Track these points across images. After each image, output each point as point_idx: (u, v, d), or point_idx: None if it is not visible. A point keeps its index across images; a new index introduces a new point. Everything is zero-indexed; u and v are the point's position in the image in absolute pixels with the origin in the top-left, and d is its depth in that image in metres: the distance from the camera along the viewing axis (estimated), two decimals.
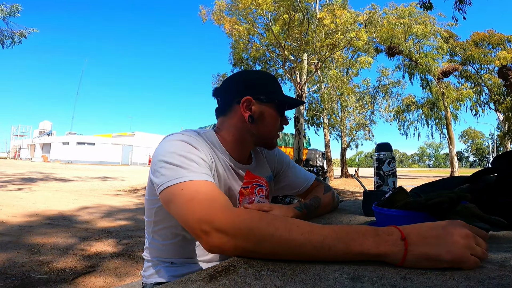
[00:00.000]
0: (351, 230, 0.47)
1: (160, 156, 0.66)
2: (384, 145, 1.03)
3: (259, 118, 0.81)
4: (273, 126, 0.85)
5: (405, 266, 0.43)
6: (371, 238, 0.45)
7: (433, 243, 0.43)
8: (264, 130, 0.83)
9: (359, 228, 0.47)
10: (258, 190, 0.87)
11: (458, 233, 0.43)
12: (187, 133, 0.74)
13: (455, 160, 17.80)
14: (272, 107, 0.83)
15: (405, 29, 15.97)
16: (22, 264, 2.33)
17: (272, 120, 0.84)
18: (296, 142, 11.17)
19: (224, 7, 11.53)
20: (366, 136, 20.57)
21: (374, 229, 0.47)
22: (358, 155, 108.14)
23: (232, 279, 0.39)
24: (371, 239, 0.45)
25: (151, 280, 0.82)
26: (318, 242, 0.46)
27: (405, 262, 0.43)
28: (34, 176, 11.55)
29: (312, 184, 1.03)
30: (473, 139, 75.46)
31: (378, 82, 20.54)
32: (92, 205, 5.37)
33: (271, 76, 0.89)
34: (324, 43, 10.14)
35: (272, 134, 0.86)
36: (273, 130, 0.85)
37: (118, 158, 35.91)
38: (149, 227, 0.84)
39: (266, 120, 0.82)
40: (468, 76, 18.86)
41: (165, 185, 0.61)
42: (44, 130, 43.90)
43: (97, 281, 2.10)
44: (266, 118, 0.82)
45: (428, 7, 6.05)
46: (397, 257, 0.43)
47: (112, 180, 11.80)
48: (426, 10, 6.06)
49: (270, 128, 0.84)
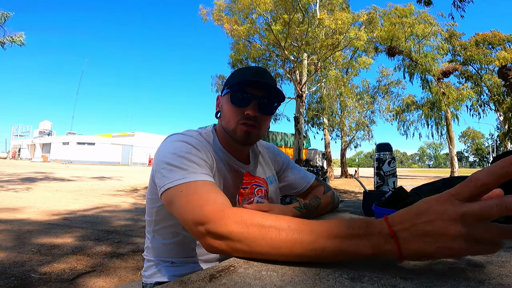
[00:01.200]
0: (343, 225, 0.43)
1: (162, 157, 0.68)
2: (384, 145, 1.03)
3: (221, 111, 0.83)
4: (229, 116, 0.79)
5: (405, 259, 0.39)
6: (364, 238, 0.41)
7: (421, 237, 0.37)
8: (224, 122, 0.82)
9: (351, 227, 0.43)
10: (258, 190, 0.87)
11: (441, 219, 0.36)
12: (188, 133, 0.75)
13: (455, 160, 17.80)
14: (227, 97, 0.81)
15: (406, 29, 15.97)
16: (22, 264, 2.33)
17: (227, 110, 0.80)
18: (296, 142, 11.17)
19: (224, 7, 11.54)
20: (366, 136, 20.59)
21: (367, 225, 0.42)
22: (358, 155, 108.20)
23: (232, 279, 0.39)
24: (364, 238, 0.41)
25: (151, 280, 0.83)
26: (310, 243, 0.44)
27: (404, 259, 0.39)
28: (34, 176, 11.55)
29: (312, 184, 1.03)
30: (473, 139, 75.48)
31: (378, 82, 20.58)
32: (92, 205, 5.37)
33: (248, 67, 0.85)
34: (324, 43, 10.15)
35: (230, 124, 0.79)
36: (230, 120, 0.79)
37: (118, 158, 35.92)
38: (150, 226, 0.85)
39: (223, 112, 0.82)
40: (468, 76, 18.86)
41: (166, 187, 0.62)
42: (44, 130, 43.92)
43: (97, 281, 2.10)
44: (223, 110, 0.82)
45: (427, 2, 6.03)
46: (392, 255, 0.40)
47: (112, 180, 11.80)
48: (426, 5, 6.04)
49: (227, 119, 0.80)
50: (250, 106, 0.77)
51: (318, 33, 10.19)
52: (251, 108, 0.77)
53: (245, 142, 0.80)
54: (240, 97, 0.77)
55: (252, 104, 0.77)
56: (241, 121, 0.78)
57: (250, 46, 12.24)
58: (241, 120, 0.78)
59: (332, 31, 9.96)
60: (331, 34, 10.04)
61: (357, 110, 19.35)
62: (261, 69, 0.83)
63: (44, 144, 39.42)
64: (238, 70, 0.84)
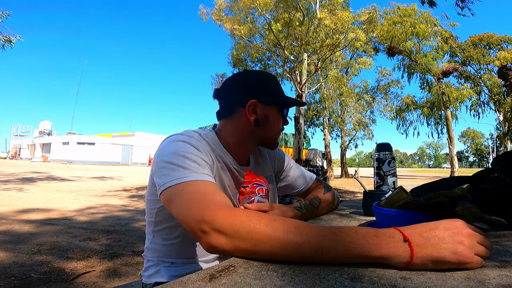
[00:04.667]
0: (351, 232, 0.46)
1: (162, 156, 0.68)
2: (384, 145, 1.03)
3: (264, 120, 0.82)
4: (277, 128, 0.86)
5: (412, 269, 0.42)
6: (372, 240, 0.44)
7: (437, 244, 0.42)
8: (269, 132, 0.84)
9: (359, 230, 0.46)
10: (259, 189, 0.87)
11: (460, 233, 0.43)
12: (189, 134, 0.75)
13: (455, 160, 17.78)
14: (275, 109, 0.84)
15: (406, 29, 15.96)
16: (22, 264, 2.33)
17: (276, 122, 0.85)
18: (296, 142, 11.16)
19: (224, 7, 11.53)
20: (366, 136, 20.60)
21: (375, 230, 0.45)
22: (358, 155, 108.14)
23: (232, 279, 0.39)
24: (372, 241, 0.44)
25: (150, 280, 0.82)
26: (317, 243, 0.45)
27: (413, 265, 0.41)
28: (34, 176, 11.55)
29: (313, 184, 1.03)
30: (473, 139, 75.46)
31: (377, 82, 20.60)
32: (92, 205, 5.37)
33: (273, 77, 0.89)
34: (325, 43, 10.15)
35: (275, 135, 0.87)
36: (276, 131, 0.87)
37: (118, 158, 35.91)
38: (150, 227, 0.85)
39: (270, 122, 0.83)
40: (468, 76, 18.85)
41: (166, 185, 0.62)
42: (44, 130, 43.90)
43: (97, 281, 2.10)
44: (270, 120, 0.83)
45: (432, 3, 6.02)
46: (401, 259, 0.42)
47: (112, 180, 11.81)
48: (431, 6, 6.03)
49: (274, 130, 0.86)
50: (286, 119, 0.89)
51: (319, 33, 10.19)
52: (286, 120, 0.89)
53: (276, 147, 0.93)
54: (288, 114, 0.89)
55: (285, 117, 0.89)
56: (281, 131, 0.89)
57: (250, 45, 12.24)
58: (281, 130, 0.89)
59: (332, 30, 9.96)
60: (331, 34, 10.04)
61: (358, 110, 19.35)
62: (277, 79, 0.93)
63: (44, 144, 39.42)
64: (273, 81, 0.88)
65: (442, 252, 0.41)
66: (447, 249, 0.41)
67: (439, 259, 0.41)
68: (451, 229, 0.43)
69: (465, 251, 0.41)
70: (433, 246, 0.42)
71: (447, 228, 0.44)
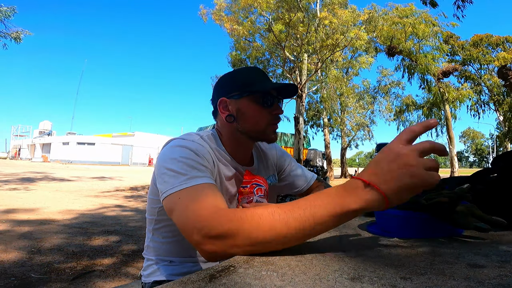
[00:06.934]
0: (324, 196, 0.49)
1: (162, 162, 0.69)
2: (384, 145, 1.02)
3: (239, 115, 0.81)
4: (257, 118, 0.81)
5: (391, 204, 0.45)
6: (346, 198, 0.47)
7: (395, 175, 0.44)
8: (248, 125, 0.82)
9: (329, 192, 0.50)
10: (257, 189, 0.87)
11: (404, 155, 0.44)
12: (189, 138, 0.75)
13: (455, 160, 17.78)
14: (249, 100, 0.81)
15: (406, 29, 15.96)
16: (22, 264, 2.33)
17: (253, 113, 0.81)
18: (296, 142, 11.16)
19: (224, 7, 11.54)
20: (365, 136, 20.61)
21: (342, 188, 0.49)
22: (358, 155, 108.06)
23: (232, 279, 0.39)
24: (347, 198, 0.47)
25: (149, 279, 0.83)
26: (300, 215, 0.48)
27: (390, 203, 0.45)
28: (34, 176, 11.55)
29: (313, 184, 1.03)
30: (473, 139, 75.38)
31: (378, 82, 20.61)
32: (92, 205, 5.37)
33: (250, 69, 0.87)
34: (325, 43, 10.15)
35: (259, 126, 0.82)
36: (259, 122, 0.81)
37: (118, 158, 35.92)
38: (150, 225, 0.85)
39: (246, 115, 0.81)
40: (468, 76, 18.85)
41: (166, 193, 0.63)
42: (44, 130, 43.90)
43: (97, 281, 2.10)
44: (245, 113, 0.81)
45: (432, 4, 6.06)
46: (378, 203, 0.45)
47: (112, 180, 11.81)
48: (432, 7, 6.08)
49: (254, 121, 0.81)
50: (276, 107, 0.83)
51: (319, 33, 10.19)
52: (277, 108, 0.83)
53: (274, 140, 0.86)
54: (270, 100, 0.81)
55: (276, 104, 0.84)
56: (271, 121, 0.82)
57: (250, 45, 12.24)
58: (271, 121, 0.82)
59: (332, 30, 9.96)
60: (331, 34, 10.04)
61: (358, 110, 19.36)
62: (259, 69, 0.88)
63: (44, 144, 39.42)
64: (244, 73, 0.85)
65: (404, 181, 0.44)
66: (405, 175, 0.44)
67: (406, 188, 0.44)
68: (392, 155, 0.45)
69: (416, 170, 0.43)
70: (393, 178, 0.44)
71: (390, 160, 0.45)
